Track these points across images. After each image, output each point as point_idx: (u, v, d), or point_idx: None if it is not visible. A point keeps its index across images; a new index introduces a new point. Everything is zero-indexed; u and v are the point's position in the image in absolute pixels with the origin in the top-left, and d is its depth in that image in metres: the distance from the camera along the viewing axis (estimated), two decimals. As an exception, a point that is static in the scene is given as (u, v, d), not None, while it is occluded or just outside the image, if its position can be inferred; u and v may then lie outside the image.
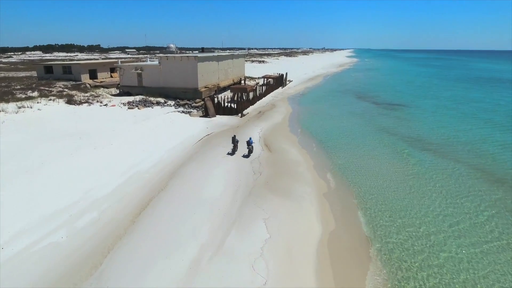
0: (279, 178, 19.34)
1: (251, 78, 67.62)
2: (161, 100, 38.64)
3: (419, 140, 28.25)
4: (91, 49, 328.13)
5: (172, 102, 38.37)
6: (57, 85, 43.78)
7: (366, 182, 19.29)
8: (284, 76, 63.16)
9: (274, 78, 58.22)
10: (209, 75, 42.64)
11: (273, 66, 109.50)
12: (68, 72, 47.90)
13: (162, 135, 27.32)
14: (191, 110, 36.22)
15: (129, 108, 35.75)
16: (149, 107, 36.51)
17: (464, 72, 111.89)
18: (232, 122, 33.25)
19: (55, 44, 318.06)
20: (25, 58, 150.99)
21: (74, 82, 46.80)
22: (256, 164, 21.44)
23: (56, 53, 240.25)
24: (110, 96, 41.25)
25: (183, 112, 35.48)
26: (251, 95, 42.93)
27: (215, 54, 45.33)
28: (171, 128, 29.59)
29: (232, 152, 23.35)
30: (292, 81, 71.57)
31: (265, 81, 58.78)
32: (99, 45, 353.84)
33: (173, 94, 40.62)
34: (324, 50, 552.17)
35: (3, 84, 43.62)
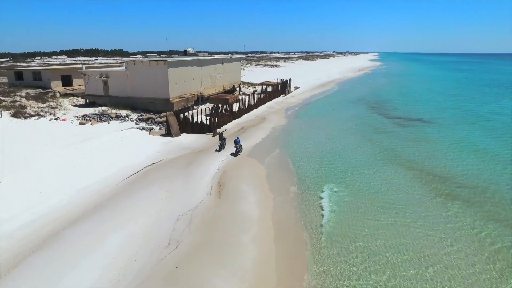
0: (204, 256, 12.07)
1: (252, 85, 60.56)
2: (123, 113, 32.27)
3: (444, 182, 19.94)
4: (114, 53, 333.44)
5: (135, 116, 31.91)
6: (19, 94, 38.59)
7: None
8: (288, 82, 55.63)
9: (273, 85, 50.84)
10: (187, 82, 35.95)
11: (285, 71, 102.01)
12: (38, 79, 42.78)
13: (94, 162, 20.80)
14: (153, 126, 29.56)
15: (80, 123, 29.60)
16: (105, 121, 30.21)
17: (500, 77, 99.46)
18: (198, 143, 26.27)
19: (80, 48, 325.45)
20: (48, 62, 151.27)
21: (42, 90, 41.62)
22: (183, 223, 14.26)
23: (80, 58, 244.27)
24: (72, 107, 35.42)
25: (143, 128, 28.91)
26: (235, 106, 35.81)
27: (196, 58, 38.59)
28: (112, 152, 23.01)
29: (219, 150, 24.33)
30: (299, 87, 63.91)
31: (263, 89, 51.65)
32: (122, 49, 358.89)
33: (142, 105, 34.23)
34: (347, 53, 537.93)
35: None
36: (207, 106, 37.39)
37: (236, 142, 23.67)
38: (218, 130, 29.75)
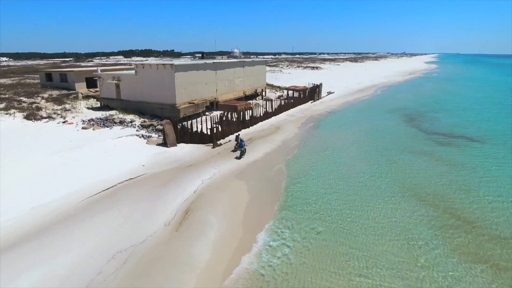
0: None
1: (279, 89, 57.23)
2: (128, 118, 31.14)
3: (488, 240, 15.27)
4: (166, 54, 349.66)
5: (138, 122, 30.57)
6: (42, 95, 39.66)
7: None
8: (318, 87, 51.47)
9: (300, 90, 47.13)
10: (198, 87, 33.95)
11: (325, 74, 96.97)
12: (64, 80, 43.95)
13: (68, 174, 19.43)
14: (152, 134, 27.85)
15: (83, 128, 28.93)
16: (108, 127, 29.23)
17: None
18: (192, 155, 23.93)
19: (136, 49, 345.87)
20: (103, 62, 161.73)
21: (66, 91, 42.56)
22: (116, 263, 11.83)
23: (134, 58, 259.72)
24: (85, 110, 35.30)
25: (142, 136, 27.36)
26: (248, 114, 32.99)
27: (210, 61, 36.44)
28: (96, 162, 21.53)
29: (234, 150, 24.93)
30: (333, 92, 59.27)
31: (288, 94, 48.21)
32: (173, 50, 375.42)
33: (150, 110, 32.92)
34: (402, 55, 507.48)
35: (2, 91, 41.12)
36: (220, 113, 35.04)
37: (241, 146, 23.79)
38: (220, 141, 27.21)
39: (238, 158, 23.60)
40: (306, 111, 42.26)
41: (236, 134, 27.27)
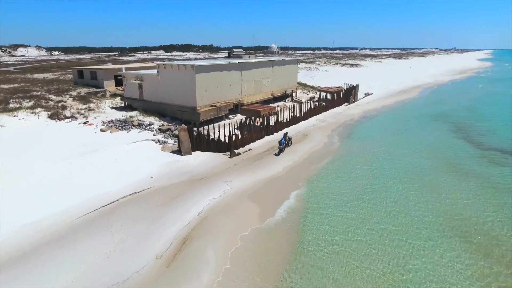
0: None
1: (312, 89, 53.86)
2: (147, 121, 30.01)
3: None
4: (204, 49, 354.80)
5: (156, 125, 29.30)
6: (71, 92, 40.01)
7: None
8: (355, 88, 47.56)
9: (333, 91, 43.65)
10: (221, 89, 32.03)
11: (365, 72, 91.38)
12: (94, 78, 44.20)
13: (71, 185, 18.40)
14: (168, 140, 26.36)
15: (101, 130, 28.20)
16: (126, 129, 28.26)
17: None
18: (206, 166, 22.05)
19: (176, 44, 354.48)
20: (144, 57, 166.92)
21: (96, 89, 42.75)
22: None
23: (174, 52, 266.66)
24: (109, 110, 34.85)
25: (158, 141, 25.99)
26: (272, 119, 30.52)
27: (235, 61, 34.27)
28: (104, 171, 20.36)
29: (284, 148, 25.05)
30: (371, 94, 54.84)
31: (320, 96, 45.01)
32: (211, 45, 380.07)
33: (171, 112, 31.60)
34: (452, 51, 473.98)
35: (29, 87, 42.24)
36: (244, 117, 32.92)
37: (280, 143, 24.67)
38: (239, 150, 25.09)
39: (277, 154, 24.47)
40: (339, 116, 38.86)
41: (284, 132, 27.61)
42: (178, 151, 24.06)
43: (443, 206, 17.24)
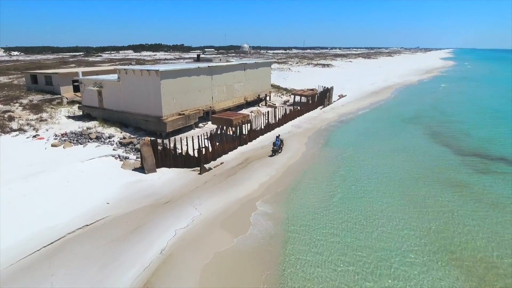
0: None
1: (286, 92, 52.36)
2: (106, 133, 27.00)
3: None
4: (175, 48, 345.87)
5: (117, 138, 26.38)
6: (22, 100, 35.89)
7: None
8: (329, 91, 46.50)
9: (308, 95, 42.32)
10: (190, 95, 29.58)
11: (336, 72, 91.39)
12: (49, 83, 40.12)
13: (7, 220, 15.35)
14: (130, 155, 23.61)
15: (52, 145, 24.91)
16: (82, 144, 25.14)
17: None
18: (173, 186, 19.63)
19: (146, 43, 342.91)
20: (111, 57, 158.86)
21: (51, 96, 38.78)
22: None
23: (144, 52, 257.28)
24: (64, 120, 31.34)
25: (118, 157, 23.18)
26: (246, 128, 28.50)
27: (204, 65, 31.87)
28: (49, 199, 17.43)
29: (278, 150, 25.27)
30: (345, 96, 54.23)
31: (294, 99, 43.61)
32: (182, 44, 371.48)
33: (134, 122, 28.76)
34: (416, 50, 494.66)
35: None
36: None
37: (275, 144, 25.06)
38: (210, 165, 22.83)
39: (272, 155, 24.86)
40: (315, 120, 37.51)
41: (277, 135, 27.15)
42: (141, 169, 21.45)
43: (428, 223, 15.98)
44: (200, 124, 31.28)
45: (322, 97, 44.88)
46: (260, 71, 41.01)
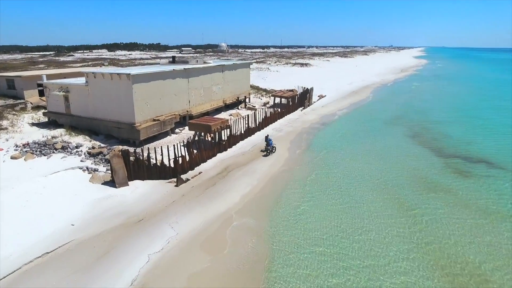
0: None
1: (266, 93, 51.36)
2: (74, 142, 24.93)
3: None
4: (151, 47, 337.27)
5: (86, 148, 24.37)
6: (-22, 107, 32.86)
7: None
8: (309, 92, 45.85)
9: (288, 96, 41.45)
10: (165, 99, 27.92)
11: (315, 72, 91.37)
12: (12, 87, 37.14)
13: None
14: (99, 167, 21.76)
15: (12, 157, 22.61)
16: (46, 155, 22.98)
17: None
18: (147, 201, 18.08)
19: (120, 42, 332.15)
20: (84, 57, 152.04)
21: (14, 101, 35.84)
22: None
23: (118, 51, 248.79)
24: (28, 128, 28.82)
25: (87, 169, 21.27)
26: (225, 133, 27.18)
27: (180, 67, 30.22)
28: (9, 221, 15.46)
29: (266, 152, 25.83)
30: (325, 96, 53.87)
31: (274, 101, 42.67)
32: (159, 43, 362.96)
33: (105, 129, 26.78)
34: (390, 48, 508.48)
35: None
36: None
37: (269, 144, 25.81)
38: (187, 176, 21.39)
39: (266, 155, 25.54)
40: (296, 123, 36.67)
41: (266, 135, 27.53)
42: (112, 182, 19.71)
43: (417, 233, 15.36)
44: (177, 130, 29.66)
45: (302, 98, 44.16)
46: (239, 73, 39.70)
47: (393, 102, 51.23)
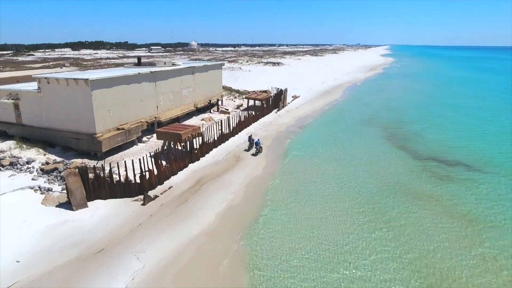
0: None
1: (239, 94, 49.74)
2: (24, 156, 22.09)
3: None
4: (119, 46, 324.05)
5: (38, 163, 21.65)
6: None
7: None
8: (283, 93, 44.75)
9: (262, 99, 40.11)
10: (130, 106, 25.61)
11: (287, 71, 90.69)
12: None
13: None
14: (53, 186, 19.26)
15: None
16: (-10, 173, 20.07)
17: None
18: (109, 225, 15.98)
19: (85, 41, 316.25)
20: (46, 56, 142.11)
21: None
22: None
23: (83, 50, 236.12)
24: (-30, 140, 25.34)
25: (39, 188, 18.71)
26: (197, 142, 25.34)
27: (146, 70, 27.87)
28: None
29: (248, 149, 26.83)
30: (298, 96, 53.08)
31: (248, 103, 41.23)
32: (126, 42, 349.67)
33: (62, 141, 24.06)
34: (358, 47, 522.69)
35: None
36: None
37: (257, 144, 26.38)
38: (155, 193, 19.41)
39: (255, 154, 25.92)
40: (271, 126, 35.40)
41: (249, 135, 28.31)
42: (68, 204, 17.38)
43: (401, 248, 14.49)
44: (145, 138, 27.40)
45: (276, 100, 42.99)
46: (210, 74, 37.78)
47: (365, 102, 51.41)
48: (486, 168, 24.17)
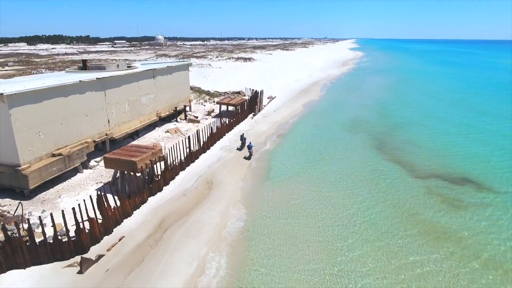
0: None
1: (209, 96, 44.62)
2: None
3: None
4: (80, 40, 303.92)
5: None
6: None
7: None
8: (260, 95, 40.27)
9: (236, 103, 35.41)
10: (70, 123, 20.04)
11: (260, 67, 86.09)
12: None
13: None
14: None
15: None
16: None
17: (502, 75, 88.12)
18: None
19: (42, 35, 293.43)
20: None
21: None
22: None
23: (41, 45, 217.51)
24: None
25: None
26: (160, 167, 20.30)
27: (91, 77, 22.09)
28: None
29: (240, 149, 26.48)
30: (274, 97, 48.90)
31: (220, 109, 36.52)
32: (88, 36, 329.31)
33: (-25, 173, 18.07)
34: (326, 40, 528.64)
35: None
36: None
37: (249, 147, 25.25)
38: (96, 252, 14.36)
39: (247, 158, 24.97)
40: (248, 136, 30.78)
41: (241, 134, 27.80)
42: (-33, 281, 11.97)
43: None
44: (92, 162, 21.93)
45: (252, 104, 38.46)
46: (175, 77, 32.43)
47: (345, 102, 48.42)
48: (494, 187, 21.21)
